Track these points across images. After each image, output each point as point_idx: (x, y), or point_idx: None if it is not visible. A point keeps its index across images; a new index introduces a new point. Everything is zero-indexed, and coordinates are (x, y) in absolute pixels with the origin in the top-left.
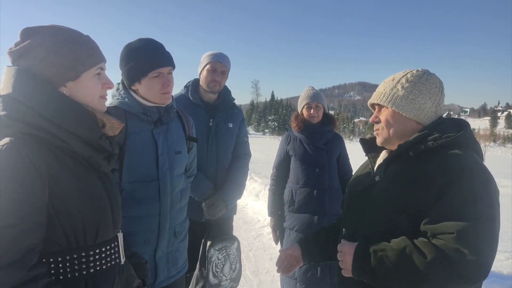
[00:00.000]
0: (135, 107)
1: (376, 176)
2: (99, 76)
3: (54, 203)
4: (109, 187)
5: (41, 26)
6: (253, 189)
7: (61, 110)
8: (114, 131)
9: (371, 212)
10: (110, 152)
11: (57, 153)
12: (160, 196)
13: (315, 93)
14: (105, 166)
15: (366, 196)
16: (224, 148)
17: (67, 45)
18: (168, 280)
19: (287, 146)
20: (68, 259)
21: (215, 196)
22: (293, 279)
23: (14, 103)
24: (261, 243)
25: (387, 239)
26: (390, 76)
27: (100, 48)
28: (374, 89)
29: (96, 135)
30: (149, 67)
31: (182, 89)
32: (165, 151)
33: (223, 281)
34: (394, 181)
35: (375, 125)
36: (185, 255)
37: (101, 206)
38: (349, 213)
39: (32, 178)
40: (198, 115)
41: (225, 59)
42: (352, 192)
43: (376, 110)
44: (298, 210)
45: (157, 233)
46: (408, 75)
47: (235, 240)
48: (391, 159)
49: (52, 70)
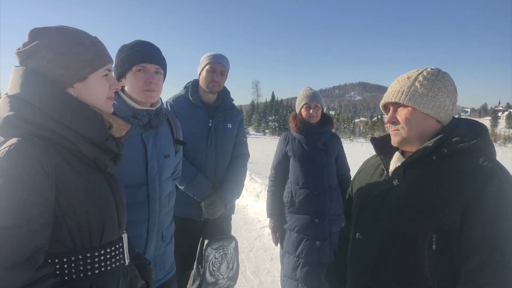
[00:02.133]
0: (125, 110)
1: (394, 179)
2: (107, 77)
3: (61, 203)
4: (115, 188)
5: (49, 27)
6: (253, 190)
7: (69, 111)
8: (120, 132)
9: (391, 218)
10: (116, 153)
11: (64, 154)
12: (149, 201)
13: (314, 93)
14: (111, 167)
15: (384, 200)
16: (223, 148)
17: (75, 47)
18: (156, 284)
19: (286, 147)
20: (73, 260)
21: (214, 195)
22: (294, 280)
23: (22, 103)
24: (261, 244)
25: (408, 246)
26: (404, 75)
27: (107, 49)
28: (374, 89)
29: (103, 137)
30: (134, 60)
31: (181, 89)
32: (154, 155)
33: (220, 279)
34: (416, 186)
35: (391, 126)
36: (172, 258)
37: (107, 207)
38: (363, 217)
39: (40, 178)
40: (198, 116)
41: (224, 60)
42: (365, 195)
43: (391, 110)
44: (298, 211)
45: (145, 238)
46: (424, 73)
47: (233, 240)
48: (411, 162)
49: (60, 71)
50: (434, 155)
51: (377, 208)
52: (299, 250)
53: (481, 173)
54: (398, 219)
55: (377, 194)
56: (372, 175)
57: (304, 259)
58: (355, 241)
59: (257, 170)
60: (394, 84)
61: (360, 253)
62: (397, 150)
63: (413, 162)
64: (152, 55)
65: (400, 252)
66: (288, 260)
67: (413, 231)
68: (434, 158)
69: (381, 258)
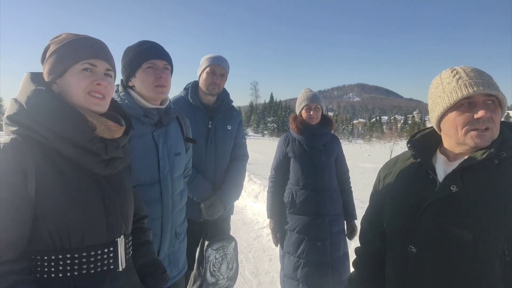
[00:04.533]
0: (136, 109)
1: (452, 185)
2: (88, 72)
3: (40, 202)
4: (108, 191)
5: (58, 35)
6: (252, 191)
7: (49, 111)
8: (112, 134)
9: (458, 227)
10: (103, 156)
11: (49, 154)
12: (162, 199)
13: (314, 95)
14: (101, 169)
15: (443, 208)
16: (223, 149)
17: (59, 44)
18: (170, 281)
19: (286, 148)
20: (53, 258)
21: (214, 197)
22: (295, 281)
23: (15, 105)
24: (260, 244)
25: (480, 257)
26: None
27: (100, 46)
28: (373, 91)
29: (86, 137)
30: (143, 57)
31: (181, 91)
32: (165, 153)
33: (220, 280)
34: (483, 192)
35: (482, 122)
36: (184, 255)
37: (89, 209)
38: (417, 229)
39: (15, 177)
40: (198, 117)
41: (224, 62)
42: (412, 204)
43: (487, 104)
44: (299, 212)
45: (159, 236)
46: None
47: (232, 240)
48: (470, 167)
49: (46, 70)
50: (496, 159)
51: (436, 217)
52: (300, 250)
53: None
54: (467, 228)
55: (432, 203)
56: (411, 181)
57: (305, 259)
58: (407, 255)
59: (256, 171)
60: (481, 73)
61: (417, 268)
62: (434, 152)
63: (473, 166)
64: (160, 51)
65: (470, 264)
66: (289, 261)
67: (486, 241)
68: (496, 162)
69: (448, 271)
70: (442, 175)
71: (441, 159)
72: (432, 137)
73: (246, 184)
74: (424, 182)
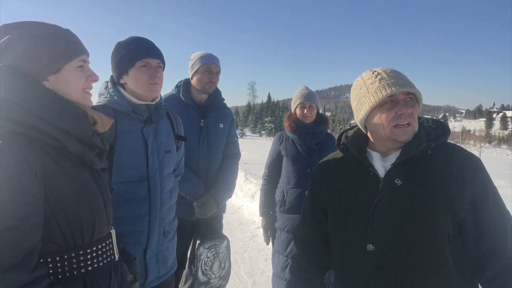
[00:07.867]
0: (125, 105)
1: (396, 179)
2: (82, 68)
3: (50, 202)
4: (101, 184)
5: (20, 22)
6: (248, 190)
7: (54, 109)
8: (104, 127)
9: (411, 218)
10: (102, 149)
11: (51, 152)
12: (150, 196)
13: (309, 93)
14: (97, 163)
15: (392, 202)
16: (215, 148)
17: (45, 38)
18: (158, 280)
19: (279, 146)
20: (66, 258)
21: (206, 195)
22: (283, 280)
23: (4, 102)
24: (256, 244)
25: (433, 242)
26: (391, 69)
27: (81, 41)
28: None
29: (89, 133)
30: (137, 56)
31: (172, 89)
32: (155, 150)
33: (212, 279)
34: (425, 182)
35: (404, 118)
36: (174, 254)
37: (96, 203)
38: (371, 226)
39: (29, 178)
40: (189, 115)
41: (217, 59)
42: (361, 203)
43: (408, 100)
44: (289, 211)
45: (147, 233)
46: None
47: (225, 239)
48: (409, 159)
49: (32, 65)
50: (429, 150)
51: (387, 212)
52: (289, 249)
53: (472, 161)
54: (418, 218)
55: (381, 198)
56: (354, 181)
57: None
58: (365, 254)
59: (252, 170)
60: (399, 73)
61: (379, 264)
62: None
63: (411, 159)
64: (153, 50)
65: (427, 251)
66: (278, 260)
67: (436, 227)
68: (429, 152)
69: (409, 263)
70: (382, 170)
71: (376, 156)
72: (358, 136)
73: (242, 184)
74: (366, 179)
